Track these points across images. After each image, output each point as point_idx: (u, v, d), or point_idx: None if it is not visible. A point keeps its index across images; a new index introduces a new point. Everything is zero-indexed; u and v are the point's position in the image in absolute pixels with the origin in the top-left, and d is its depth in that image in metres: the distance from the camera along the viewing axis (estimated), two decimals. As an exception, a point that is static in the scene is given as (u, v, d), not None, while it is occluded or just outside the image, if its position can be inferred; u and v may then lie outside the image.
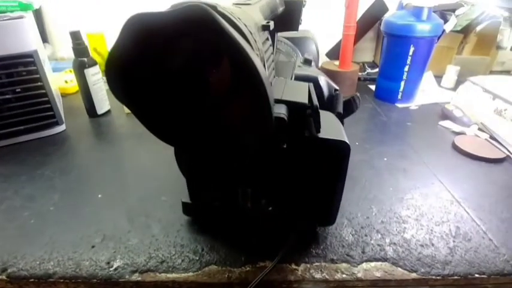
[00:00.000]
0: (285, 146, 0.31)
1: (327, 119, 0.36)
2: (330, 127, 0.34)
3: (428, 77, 0.91)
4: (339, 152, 0.32)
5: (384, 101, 0.82)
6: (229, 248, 0.37)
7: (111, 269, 0.35)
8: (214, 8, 0.20)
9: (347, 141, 0.32)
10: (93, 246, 0.37)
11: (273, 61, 0.35)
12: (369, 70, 1.04)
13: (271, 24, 0.33)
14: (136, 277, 0.34)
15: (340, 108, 0.44)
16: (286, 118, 0.29)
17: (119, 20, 0.21)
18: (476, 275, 0.35)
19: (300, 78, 0.43)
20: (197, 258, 0.36)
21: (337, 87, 0.46)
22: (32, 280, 0.34)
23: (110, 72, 0.20)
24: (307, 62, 0.49)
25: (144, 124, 0.22)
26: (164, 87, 0.21)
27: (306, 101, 0.31)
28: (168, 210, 0.43)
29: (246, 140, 0.22)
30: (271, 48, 0.35)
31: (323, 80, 0.44)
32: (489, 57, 0.95)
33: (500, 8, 0.50)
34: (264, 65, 0.27)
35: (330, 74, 0.83)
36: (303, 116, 0.31)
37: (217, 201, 0.37)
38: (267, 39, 0.34)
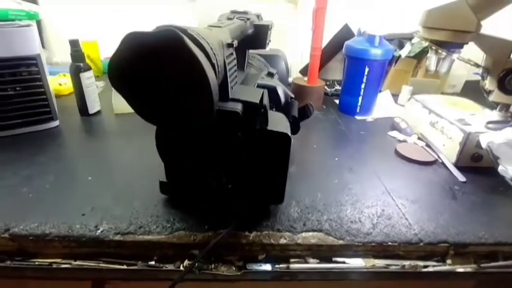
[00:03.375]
0: (239, 135, 0.40)
1: (277, 117, 0.46)
2: (278, 123, 0.44)
3: (386, 95, 1.04)
4: (282, 141, 0.41)
5: (345, 113, 0.93)
6: (196, 218, 0.46)
7: (98, 231, 0.43)
8: (184, 31, 0.30)
9: (289, 134, 0.41)
10: (83, 214, 0.45)
11: (235, 71, 0.45)
12: (337, 87, 1.16)
13: (235, 42, 0.43)
14: (118, 238, 0.42)
15: (295, 113, 0.54)
16: (240, 112, 0.39)
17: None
18: (390, 243, 0.45)
19: (261, 86, 0.53)
20: (169, 225, 0.45)
21: (292, 96, 0.56)
22: (31, 238, 0.42)
23: (111, 71, 0.30)
24: (270, 74, 0.60)
25: (133, 107, 0.32)
26: (146, 82, 0.30)
27: (257, 101, 0.41)
28: (148, 190, 0.51)
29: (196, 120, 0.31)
30: (235, 61, 0.45)
31: (280, 89, 0.54)
32: (439, 81, 1.09)
33: (424, 39, 0.63)
34: (223, 71, 0.37)
35: (299, 88, 0.94)
36: (255, 112, 0.41)
37: (188, 180, 0.46)
38: (231, 54, 0.44)
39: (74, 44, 0.72)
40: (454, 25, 0.59)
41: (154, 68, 0.29)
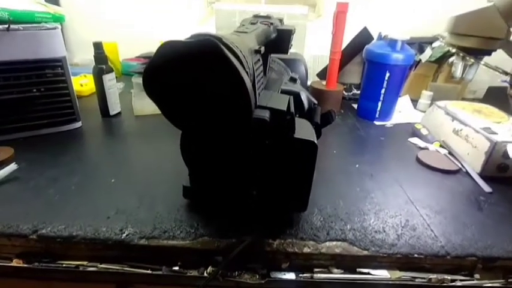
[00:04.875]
0: (267, 142, 0.40)
1: (303, 124, 0.45)
2: (304, 130, 0.43)
3: (405, 100, 1.02)
4: (308, 148, 0.41)
5: (364, 118, 0.92)
6: (220, 224, 0.46)
7: (123, 235, 0.43)
8: (220, 40, 0.30)
9: (315, 141, 0.41)
10: (108, 217, 0.46)
11: (262, 77, 0.44)
12: (354, 91, 1.15)
13: (262, 49, 0.43)
14: (143, 242, 0.43)
15: (318, 119, 0.53)
16: (268, 119, 0.38)
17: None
18: (416, 255, 0.44)
19: (285, 92, 0.52)
20: (193, 231, 0.45)
21: (315, 102, 0.55)
22: (59, 240, 0.42)
23: (146, 77, 0.30)
24: (293, 79, 0.59)
25: (164, 113, 0.32)
26: (180, 90, 0.30)
27: (285, 108, 0.41)
28: (170, 194, 0.51)
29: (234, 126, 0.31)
30: (261, 67, 0.45)
31: (304, 95, 0.54)
32: (460, 86, 1.06)
33: (451, 45, 0.61)
34: (253, 79, 0.37)
35: (317, 92, 0.94)
36: (282, 119, 0.40)
37: (213, 186, 0.46)
38: (259, 60, 0.44)
39: (98, 47, 0.73)
40: (483, 32, 0.57)
41: (190, 76, 0.29)
